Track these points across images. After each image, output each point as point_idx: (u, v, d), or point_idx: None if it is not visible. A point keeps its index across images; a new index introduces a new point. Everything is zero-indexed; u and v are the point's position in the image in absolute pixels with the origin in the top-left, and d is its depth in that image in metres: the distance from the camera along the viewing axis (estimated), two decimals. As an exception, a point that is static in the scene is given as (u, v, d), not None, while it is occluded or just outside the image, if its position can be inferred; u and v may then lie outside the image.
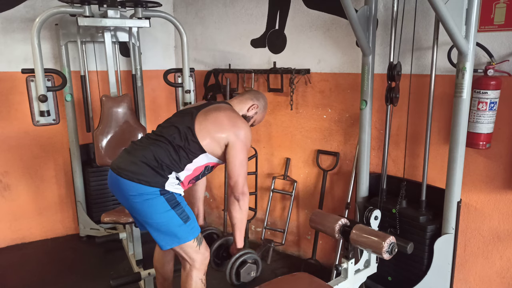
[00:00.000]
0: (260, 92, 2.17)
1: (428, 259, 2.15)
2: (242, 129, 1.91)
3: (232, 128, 1.89)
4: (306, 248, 3.11)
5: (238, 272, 1.96)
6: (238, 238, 2.01)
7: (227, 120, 1.91)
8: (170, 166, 1.84)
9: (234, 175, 1.90)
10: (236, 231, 2.00)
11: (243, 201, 1.95)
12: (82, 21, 2.52)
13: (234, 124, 1.90)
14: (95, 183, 3.31)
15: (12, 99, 3.10)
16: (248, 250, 2.00)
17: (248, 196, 1.97)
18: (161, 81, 3.13)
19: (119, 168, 1.84)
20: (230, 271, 1.95)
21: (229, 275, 1.95)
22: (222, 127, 1.89)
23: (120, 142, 2.91)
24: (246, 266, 1.97)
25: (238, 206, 1.96)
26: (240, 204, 1.95)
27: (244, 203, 1.96)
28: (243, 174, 1.92)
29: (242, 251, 1.98)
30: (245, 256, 1.98)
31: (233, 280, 1.96)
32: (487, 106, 1.97)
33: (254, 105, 2.07)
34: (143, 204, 1.81)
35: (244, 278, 1.97)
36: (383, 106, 2.34)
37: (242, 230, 2.01)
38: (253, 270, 2.00)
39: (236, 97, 2.12)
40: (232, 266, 1.95)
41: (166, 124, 1.98)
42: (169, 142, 1.85)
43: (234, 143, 1.88)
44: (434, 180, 2.28)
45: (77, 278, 2.85)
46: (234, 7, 3.15)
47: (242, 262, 1.97)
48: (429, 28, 2.20)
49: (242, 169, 1.91)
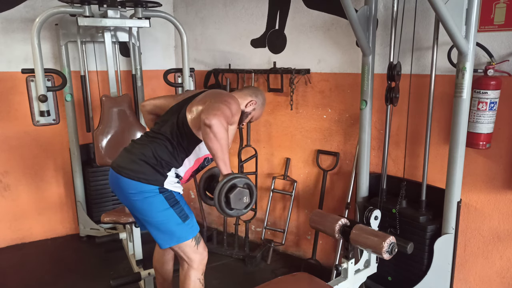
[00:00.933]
0: (259, 89, 2.17)
1: (428, 259, 2.14)
2: (226, 94, 1.90)
3: (215, 96, 1.86)
4: (306, 248, 3.11)
5: (228, 197, 1.67)
6: (222, 167, 1.72)
7: (211, 94, 1.91)
8: (169, 163, 1.85)
9: (207, 106, 1.74)
10: (219, 162, 1.71)
11: (216, 126, 1.64)
12: (82, 21, 2.52)
13: (218, 93, 1.91)
14: (95, 183, 3.31)
15: (12, 99, 3.10)
16: (237, 174, 1.71)
17: (221, 122, 1.66)
18: (161, 81, 3.13)
19: (119, 167, 1.86)
20: (219, 197, 1.66)
21: (218, 203, 1.68)
22: (206, 100, 1.85)
23: (120, 142, 2.91)
24: (236, 190, 1.67)
25: (212, 134, 1.65)
26: (213, 130, 1.64)
27: (218, 128, 1.64)
28: (219, 107, 1.71)
29: (231, 175, 1.70)
30: (234, 180, 1.68)
31: (224, 208, 1.68)
32: (487, 106, 1.97)
33: (253, 101, 2.07)
34: (143, 202, 1.82)
35: (236, 205, 1.69)
36: (383, 106, 2.34)
37: (225, 159, 1.71)
38: (245, 195, 1.71)
39: (235, 92, 2.12)
40: (220, 192, 1.66)
41: (163, 119, 1.98)
42: (167, 138, 1.86)
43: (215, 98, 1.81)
44: (434, 180, 2.28)
45: (77, 278, 2.85)
46: (234, 7, 3.15)
47: (231, 186, 1.68)
48: (429, 28, 2.20)
49: (219, 104, 1.73)
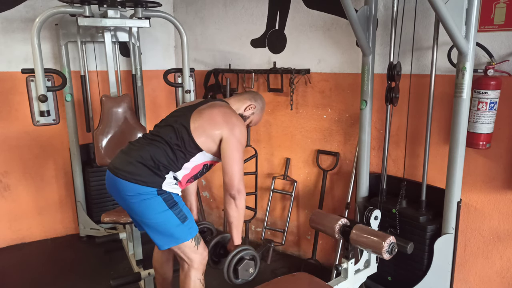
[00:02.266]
0: (259, 93, 2.17)
1: (428, 259, 2.14)
2: (236, 125, 1.89)
3: (226, 124, 1.87)
4: (306, 248, 3.11)
5: (236, 269, 1.90)
6: (235, 236, 1.97)
7: (221, 116, 1.90)
8: (167, 166, 1.84)
9: (229, 172, 1.86)
10: (233, 229, 1.96)
11: (239, 199, 1.89)
12: (82, 21, 2.52)
13: (228, 121, 1.89)
14: (95, 183, 3.31)
15: (12, 99, 3.10)
16: (246, 247, 1.95)
17: (244, 194, 1.91)
18: (161, 81, 3.13)
19: (116, 169, 1.84)
20: (228, 268, 1.89)
21: (226, 272, 1.90)
22: (216, 124, 1.87)
23: (120, 142, 2.91)
24: (243, 262, 1.91)
25: (234, 205, 1.90)
26: (236, 202, 1.89)
27: (240, 201, 1.90)
28: (238, 171, 1.87)
29: (240, 247, 1.93)
30: (242, 252, 1.92)
31: (231, 278, 1.91)
32: (487, 106, 1.97)
33: (252, 105, 2.07)
34: (141, 204, 1.81)
35: (242, 275, 1.92)
36: (383, 106, 2.34)
37: (239, 228, 1.97)
38: (251, 266, 1.94)
39: (234, 96, 2.12)
40: (230, 263, 1.90)
41: (163, 123, 1.98)
42: (166, 142, 1.85)
43: (228, 139, 1.86)
44: (434, 180, 2.28)
45: (77, 278, 2.85)
46: (234, 7, 3.15)
47: (239, 259, 1.92)
48: (429, 28, 2.20)
49: (237, 166, 1.87)
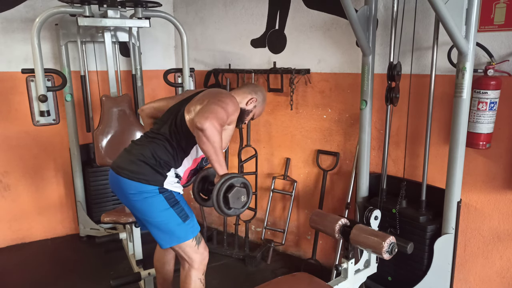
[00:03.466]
0: (258, 85, 2.15)
1: (428, 259, 2.14)
2: (224, 93, 1.89)
3: (213, 95, 1.86)
4: (306, 248, 3.11)
5: (226, 197, 1.70)
6: (218, 168, 1.74)
7: (210, 94, 1.91)
8: (168, 163, 1.85)
9: (202, 109, 1.71)
10: (213, 164, 1.73)
11: (208, 130, 1.63)
12: (82, 21, 2.52)
13: (217, 92, 1.90)
14: (95, 183, 3.31)
15: (12, 99, 3.10)
16: (234, 174, 1.74)
17: (214, 126, 1.65)
18: (161, 81, 3.13)
19: (119, 168, 1.86)
20: (217, 197, 1.69)
21: (216, 203, 1.70)
22: (204, 99, 1.85)
23: (120, 142, 2.91)
24: (234, 189, 1.70)
25: (205, 138, 1.65)
26: (205, 134, 1.64)
27: (210, 132, 1.64)
28: (213, 109, 1.70)
29: (228, 175, 1.73)
30: (232, 180, 1.72)
31: (223, 208, 1.71)
32: (487, 106, 1.97)
33: (253, 99, 2.05)
34: (143, 202, 1.82)
35: (234, 204, 1.72)
36: (383, 106, 2.34)
37: (219, 160, 1.73)
38: (242, 194, 1.74)
39: (234, 90, 2.10)
40: (218, 191, 1.69)
41: (162, 120, 1.99)
42: (166, 138, 1.87)
43: (213, 98, 1.81)
44: (434, 180, 2.28)
45: (77, 278, 2.84)
46: (234, 7, 3.15)
47: (229, 186, 1.71)
48: (429, 28, 2.20)
49: (213, 106, 1.72)
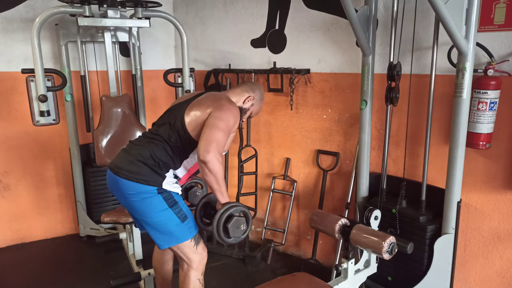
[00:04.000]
0: (256, 83, 2.15)
1: (428, 259, 2.14)
2: (225, 105, 1.86)
3: (214, 103, 1.86)
4: (306, 248, 3.11)
5: (226, 227, 1.76)
6: (219, 196, 1.81)
7: (210, 99, 1.90)
8: (167, 164, 1.85)
9: (205, 136, 1.73)
10: (215, 192, 1.81)
11: (211, 163, 1.70)
12: (82, 21, 2.52)
13: (217, 101, 1.88)
14: (95, 183, 3.31)
15: (12, 99, 3.10)
16: (234, 203, 1.80)
17: (217, 157, 1.71)
18: (161, 81, 3.13)
19: (117, 168, 1.86)
20: (217, 228, 1.75)
21: (216, 232, 1.76)
22: (205, 107, 1.85)
23: (120, 142, 2.91)
24: (233, 220, 1.76)
25: (207, 170, 1.71)
26: (208, 166, 1.70)
27: (213, 164, 1.70)
28: (216, 137, 1.73)
29: (227, 205, 1.79)
30: (231, 210, 1.78)
31: (223, 237, 1.77)
32: (487, 106, 1.97)
33: (250, 97, 2.05)
34: (141, 203, 1.82)
35: (234, 233, 1.78)
36: (383, 106, 2.34)
37: (221, 189, 1.80)
38: (242, 223, 1.79)
39: (231, 88, 2.09)
40: (218, 222, 1.75)
41: (161, 121, 1.98)
42: (165, 140, 1.86)
43: (214, 112, 1.81)
44: (434, 180, 2.28)
45: (77, 278, 2.85)
46: (234, 7, 3.15)
47: (228, 216, 1.77)
48: (429, 28, 2.20)
49: (216, 133, 1.74)
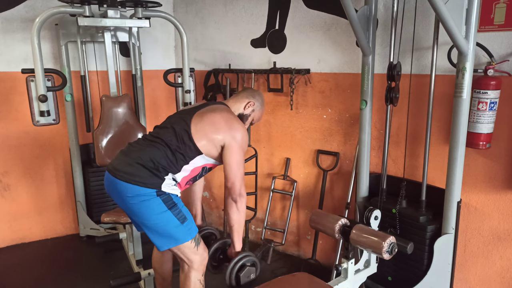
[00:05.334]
0: (256, 89, 2.16)
1: (428, 259, 2.15)
2: (239, 130, 1.90)
3: (228, 130, 1.88)
4: (306, 248, 3.11)
5: (238, 276, 1.93)
6: (237, 241, 1.99)
7: (223, 121, 1.90)
8: (166, 168, 1.83)
9: (231, 177, 1.88)
10: (234, 234, 1.98)
11: (240, 202, 1.91)
12: (82, 21, 2.52)
13: (230, 126, 1.89)
14: (95, 183, 3.31)
15: (12, 99, 3.10)
16: (247, 253, 1.98)
17: (245, 198, 1.94)
18: (161, 81, 3.13)
19: (115, 170, 1.84)
20: (230, 276, 1.93)
21: (228, 280, 1.94)
22: (218, 129, 1.88)
23: (120, 142, 2.91)
24: (245, 270, 1.94)
25: (236, 208, 1.92)
26: (237, 205, 1.92)
27: (242, 204, 1.92)
28: (240, 176, 1.89)
29: (241, 254, 1.96)
30: (244, 259, 1.96)
31: (233, 285, 1.95)
32: (487, 106, 1.97)
33: (251, 103, 2.06)
34: (140, 205, 1.80)
35: (244, 282, 1.96)
36: (383, 106, 2.34)
37: (240, 232, 1.99)
38: (252, 273, 1.97)
39: (232, 97, 2.11)
40: (232, 271, 1.93)
41: (163, 125, 1.97)
42: (166, 144, 1.85)
43: (230, 144, 1.87)
44: (434, 180, 2.28)
45: (77, 278, 2.85)
46: (234, 7, 3.15)
47: (241, 266, 1.95)
48: (429, 28, 2.20)
49: (239, 171, 1.89)
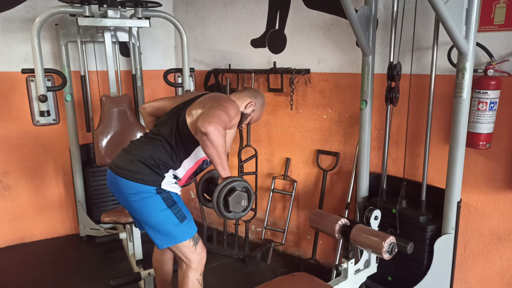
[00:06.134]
0: (259, 90, 2.17)
1: (428, 259, 2.15)
2: (230, 103, 1.87)
3: (214, 100, 1.87)
4: (306, 248, 3.11)
5: (226, 200, 1.71)
6: (221, 171, 1.76)
7: (211, 98, 1.92)
8: (167, 164, 1.85)
9: (206, 113, 1.72)
10: (216, 167, 1.75)
11: (212, 133, 1.65)
12: (82, 21, 2.52)
13: (217, 98, 1.91)
14: (95, 183, 3.31)
15: (12, 99, 3.10)
16: (236, 178, 1.75)
17: (218, 129, 1.67)
18: (161, 81, 3.13)
19: (117, 167, 1.87)
20: (217, 200, 1.70)
21: (216, 205, 1.72)
22: (205, 103, 1.87)
23: (120, 142, 2.91)
24: (234, 193, 1.71)
25: (209, 142, 1.67)
26: (209, 138, 1.66)
27: (214, 136, 1.66)
28: (215, 114, 1.71)
29: (230, 178, 1.74)
30: (233, 183, 1.73)
31: (222, 211, 1.72)
32: (487, 106, 1.97)
33: (252, 103, 2.06)
34: (141, 202, 1.83)
35: (234, 207, 1.73)
36: (383, 106, 2.34)
37: (223, 163, 1.74)
38: (243, 198, 1.74)
39: (234, 93, 2.11)
40: (219, 194, 1.70)
41: (162, 121, 1.98)
42: (165, 139, 1.87)
43: (215, 102, 1.83)
44: (434, 180, 2.28)
45: (77, 278, 2.85)
46: (234, 7, 3.15)
47: (230, 189, 1.72)
48: (429, 28, 2.20)
49: (215, 110, 1.73)
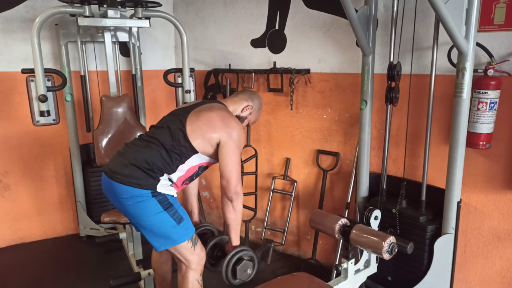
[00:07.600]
0: (255, 92, 2.16)
1: (428, 259, 2.15)
2: (235, 128, 1.89)
3: (224, 128, 1.86)
4: (306, 248, 3.11)
5: (235, 269, 1.91)
6: (234, 237, 1.98)
7: (219, 120, 1.89)
8: (161, 168, 1.83)
9: (226, 175, 1.87)
10: (231, 232, 1.98)
11: (236, 201, 1.90)
12: (82, 21, 2.52)
13: (226, 124, 1.88)
14: (95, 183, 3.31)
15: (12, 99, 3.10)
16: (244, 247, 1.96)
17: (241, 196, 1.92)
18: (161, 81, 3.13)
19: (111, 172, 1.84)
20: (226, 268, 1.91)
21: (225, 273, 1.92)
22: (214, 127, 1.86)
23: (120, 142, 2.91)
24: (242, 263, 1.92)
25: (231, 207, 1.91)
26: (233, 204, 1.91)
27: (238, 203, 1.91)
28: (236, 173, 1.87)
29: (238, 248, 1.95)
30: (241, 253, 1.94)
31: (230, 278, 1.92)
32: (487, 106, 1.97)
33: (249, 106, 2.06)
34: (136, 206, 1.80)
35: (241, 276, 1.93)
36: (383, 106, 2.34)
37: (237, 229, 1.98)
38: (249, 267, 1.95)
39: (231, 97, 2.11)
40: (228, 263, 1.91)
41: (158, 125, 1.97)
42: (161, 143, 1.84)
43: (226, 142, 1.86)
44: (434, 180, 2.28)
45: (77, 278, 2.85)
46: (234, 7, 3.15)
47: (238, 259, 1.93)
48: (429, 28, 2.20)
49: (234, 168, 1.87)
